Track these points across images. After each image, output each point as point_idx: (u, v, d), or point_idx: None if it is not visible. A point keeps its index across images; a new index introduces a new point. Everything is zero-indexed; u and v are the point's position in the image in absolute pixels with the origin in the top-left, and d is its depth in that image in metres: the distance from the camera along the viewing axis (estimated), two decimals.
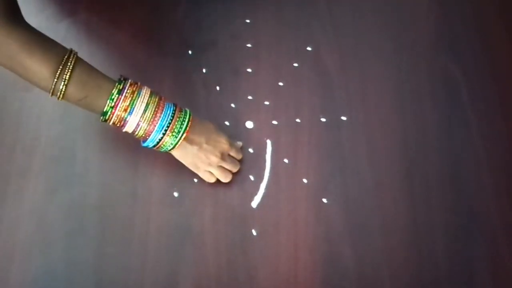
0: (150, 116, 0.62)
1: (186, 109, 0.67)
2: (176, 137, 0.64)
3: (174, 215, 0.71)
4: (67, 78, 0.58)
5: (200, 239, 0.70)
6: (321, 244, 0.69)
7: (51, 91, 0.59)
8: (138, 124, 0.62)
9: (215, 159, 0.68)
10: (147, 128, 0.63)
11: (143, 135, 0.64)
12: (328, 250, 0.69)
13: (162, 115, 0.63)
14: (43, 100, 0.76)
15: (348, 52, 0.81)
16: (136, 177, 0.73)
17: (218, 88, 0.78)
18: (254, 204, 0.72)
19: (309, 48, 0.81)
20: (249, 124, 0.76)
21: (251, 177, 0.73)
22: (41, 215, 0.71)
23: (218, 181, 0.71)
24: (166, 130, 0.63)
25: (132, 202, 0.71)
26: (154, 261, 0.69)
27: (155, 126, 0.63)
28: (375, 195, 0.72)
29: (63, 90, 0.59)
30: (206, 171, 0.70)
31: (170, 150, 0.66)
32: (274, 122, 0.76)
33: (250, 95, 0.78)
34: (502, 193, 0.72)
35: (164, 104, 0.64)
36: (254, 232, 0.70)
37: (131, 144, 0.73)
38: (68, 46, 0.61)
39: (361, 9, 0.84)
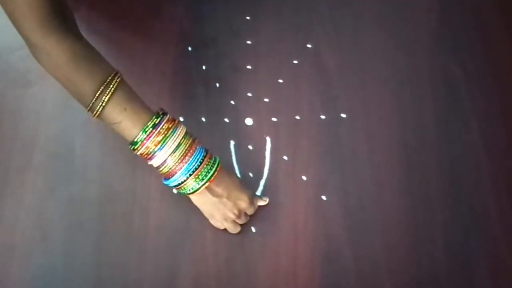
0: (179, 156, 0.61)
1: (217, 157, 0.65)
2: (199, 183, 0.63)
3: (173, 212, 0.71)
4: (106, 100, 0.58)
5: (199, 236, 0.70)
6: (320, 241, 0.69)
7: (89, 108, 0.59)
8: (165, 161, 0.61)
9: (231, 216, 0.67)
10: (173, 168, 0.61)
11: (167, 173, 0.62)
12: (327, 247, 0.69)
13: (192, 158, 0.61)
14: (42, 97, 0.76)
15: (348, 49, 0.81)
16: (136, 174, 0.73)
17: (217, 85, 0.78)
18: None
19: (309, 46, 0.81)
20: (249, 121, 0.76)
21: (251, 174, 0.73)
22: (40, 212, 0.71)
23: None
24: (191, 174, 0.62)
25: (132, 198, 0.71)
26: (153, 257, 0.69)
27: (182, 167, 0.61)
28: (374, 193, 0.72)
29: (99, 110, 0.58)
30: (218, 223, 0.68)
31: (189, 194, 0.64)
32: (274, 119, 0.76)
33: (250, 92, 0.78)
34: (501, 192, 0.72)
35: (196, 148, 0.62)
36: (253, 229, 0.70)
37: None
38: None
39: (361, 7, 0.84)
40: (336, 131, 0.75)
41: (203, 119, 0.75)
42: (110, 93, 0.58)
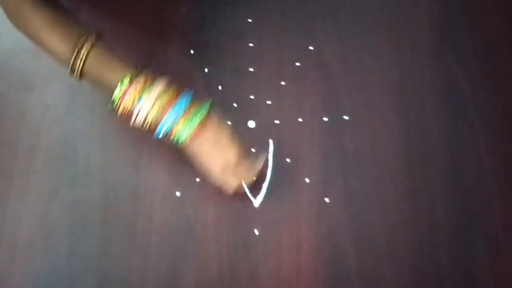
0: (162, 105, 0.59)
1: (210, 100, 0.62)
2: (190, 127, 0.60)
3: (176, 215, 0.71)
4: (83, 58, 0.58)
5: (202, 239, 0.70)
6: (323, 243, 0.69)
7: (70, 70, 0.60)
8: (146, 117, 0.59)
9: (232, 159, 0.63)
10: (157, 117, 0.59)
11: (154, 125, 0.60)
12: (331, 249, 0.69)
13: (176, 103, 0.59)
14: (45, 100, 0.77)
15: (351, 51, 0.80)
16: (139, 177, 0.73)
17: (220, 87, 0.78)
18: (257, 203, 0.72)
19: (311, 48, 0.81)
20: (251, 124, 0.76)
21: (254, 177, 0.73)
22: (44, 214, 0.71)
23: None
24: (177, 119, 0.59)
25: (135, 201, 0.72)
26: (156, 260, 0.69)
27: (164, 114, 0.59)
28: (378, 195, 0.72)
29: (79, 71, 0.59)
30: (222, 171, 0.64)
31: (184, 141, 0.61)
32: (276, 122, 0.76)
33: (252, 95, 0.78)
34: (504, 193, 0.72)
35: (180, 93, 0.60)
36: (256, 232, 0.70)
37: (134, 144, 0.73)
38: None
39: (363, 9, 0.84)
40: (339, 133, 0.75)
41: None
42: (87, 51, 0.58)
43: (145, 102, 0.58)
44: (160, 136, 0.61)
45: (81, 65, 0.58)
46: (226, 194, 0.68)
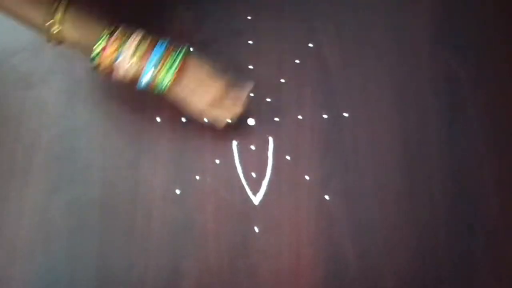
0: (141, 56, 0.61)
1: (186, 44, 0.64)
2: (169, 72, 0.62)
3: (176, 212, 0.71)
4: (57, 22, 0.59)
5: (202, 236, 0.70)
6: (323, 241, 0.69)
7: (47, 37, 0.60)
8: (129, 66, 0.61)
9: (216, 94, 0.65)
10: (138, 68, 0.61)
11: (136, 76, 0.62)
12: (330, 247, 0.69)
13: (153, 53, 0.61)
14: (44, 98, 0.76)
15: (350, 48, 0.80)
16: (138, 175, 0.73)
17: None
18: (256, 201, 0.72)
19: (310, 45, 0.81)
20: (251, 121, 0.76)
21: (253, 174, 0.73)
22: (43, 213, 0.71)
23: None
24: (156, 67, 0.61)
25: (134, 199, 0.71)
26: (156, 257, 0.69)
27: (145, 65, 0.61)
28: (377, 192, 0.72)
29: (55, 35, 0.60)
30: (210, 109, 0.67)
31: (167, 87, 0.63)
32: (276, 119, 0.76)
33: (252, 92, 0.78)
34: (504, 190, 0.72)
35: (156, 43, 0.62)
36: (256, 229, 0.70)
37: (133, 142, 0.73)
38: None
39: (362, 6, 0.83)
40: (338, 130, 0.75)
41: (206, 119, 0.75)
42: (61, 15, 0.59)
43: (125, 54, 0.60)
44: (142, 86, 0.63)
45: (57, 29, 0.60)
46: (219, 127, 0.69)
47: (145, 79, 0.62)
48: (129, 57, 0.60)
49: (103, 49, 0.60)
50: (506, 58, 0.80)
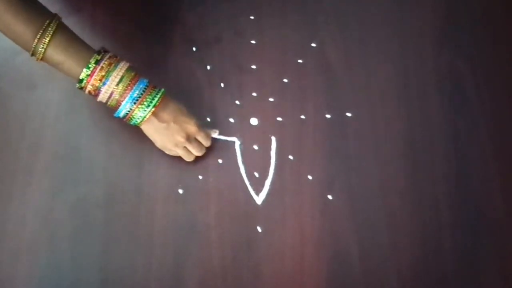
0: (123, 87, 0.64)
1: (162, 88, 0.68)
2: (145, 111, 0.66)
3: (179, 212, 0.71)
4: (46, 42, 0.61)
5: (205, 236, 0.70)
6: (326, 240, 0.69)
7: (32, 52, 0.62)
8: (111, 94, 0.64)
9: (180, 140, 0.69)
10: (119, 99, 0.65)
11: (115, 105, 0.65)
12: (334, 246, 0.69)
13: (135, 87, 0.65)
14: (48, 99, 0.77)
15: (353, 48, 0.80)
16: (141, 175, 0.73)
17: (222, 85, 0.78)
18: (259, 201, 0.72)
19: (313, 45, 0.81)
20: (254, 121, 0.76)
21: (256, 174, 0.73)
22: (46, 213, 0.71)
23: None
24: (135, 102, 0.65)
25: (137, 199, 0.72)
26: (159, 257, 0.69)
27: (126, 96, 0.64)
28: (381, 192, 0.72)
29: (42, 52, 0.62)
30: (172, 150, 0.71)
31: (139, 123, 0.67)
32: (279, 119, 0.76)
33: (255, 92, 0.78)
34: (509, 190, 0.72)
35: (138, 79, 0.66)
36: (259, 229, 0.70)
37: (136, 142, 0.73)
38: None
39: (365, 5, 0.83)
40: (341, 130, 0.75)
41: (208, 119, 0.75)
42: (50, 35, 0.61)
43: (111, 82, 0.64)
44: (119, 116, 0.66)
45: (44, 48, 0.61)
46: (187, 161, 0.72)
47: (123, 111, 0.65)
48: (114, 85, 0.64)
49: (91, 74, 0.63)
50: (510, 57, 0.80)
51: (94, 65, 0.63)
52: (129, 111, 0.65)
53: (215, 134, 0.74)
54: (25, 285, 0.68)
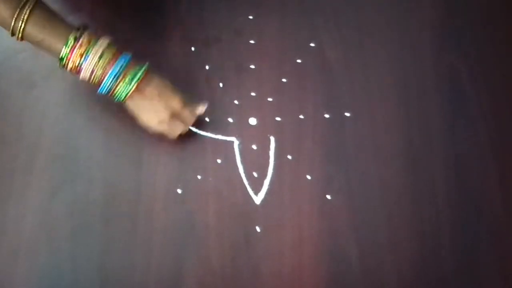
0: (104, 64, 0.63)
1: (147, 63, 0.66)
2: (129, 85, 0.64)
3: (178, 212, 0.71)
4: (24, 20, 0.61)
5: (204, 236, 0.70)
6: (325, 240, 0.69)
7: (11, 31, 0.62)
8: (92, 71, 0.63)
9: (165, 116, 0.67)
10: (101, 75, 0.64)
11: (98, 82, 0.65)
12: (333, 246, 0.69)
13: (116, 63, 0.64)
14: (46, 98, 0.77)
15: (352, 48, 0.80)
16: (140, 174, 0.73)
17: (221, 84, 0.78)
18: (258, 200, 0.72)
19: (312, 44, 0.81)
20: (253, 121, 0.76)
21: (255, 174, 0.73)
22: (45, 213, 0.71)
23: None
24: (118, 77, 0.64)
25: (136, 199, 0.71)
26: (158, 257, 0.69)
27: (108, 72, 0.63)
28: (380, 191, 0.72)
29: (21, 30, 0.61)
30: (156, 127, 0.69)
31: (123, 100, 0.66)
32: (278, 119, 0.76)
33: (254, 92, 0.78)
34: (508, 189, 0.72)
35: (120, 54, 0.65)
36: (258, 229, 0.70)
37: (135, 141, 0.73)
38: None
39: (364, 5, 0.83)
40: (340, 130, 0.75)
41: (207, 119, 0.75)
42: (27, 13, 0.61)
43: (91, 58, 0.63)
44: (103, 92, 0.65)
45: (22, 26, 0.61)
46: (171, 139, 0.71)
47: (106, 86, 0.65)
48: (95, 62, 0.63)
49: (72, 50, 0.62)
50: (509, 58, 0.80)
51: (73, 42, 0.62)
52: (112, 88, 0.64)
53: (203, 109, 0.71)
54: (24, 285, 0.68)
